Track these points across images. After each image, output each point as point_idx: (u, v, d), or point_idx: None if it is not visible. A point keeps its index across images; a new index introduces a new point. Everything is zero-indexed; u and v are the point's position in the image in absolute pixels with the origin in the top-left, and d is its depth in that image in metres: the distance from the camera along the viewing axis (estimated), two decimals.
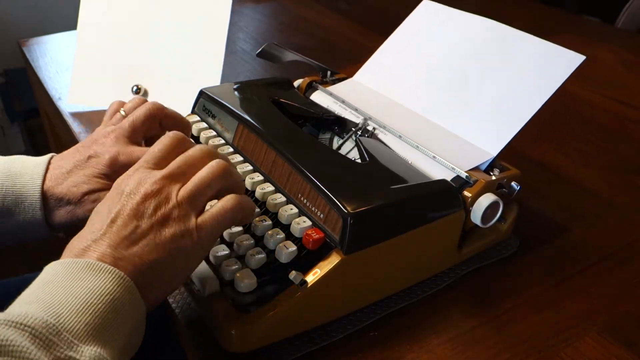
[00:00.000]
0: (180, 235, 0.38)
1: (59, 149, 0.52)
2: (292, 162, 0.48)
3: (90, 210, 0.48)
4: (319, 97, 0.64)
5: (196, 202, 0.40)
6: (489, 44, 0.58)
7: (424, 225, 0.47)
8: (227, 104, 0.58)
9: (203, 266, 0.46)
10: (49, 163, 0.50)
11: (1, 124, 2.04)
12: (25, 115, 1.97)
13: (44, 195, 0.49)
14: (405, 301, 0.49)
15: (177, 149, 0.42)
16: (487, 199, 0.48)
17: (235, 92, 0.62)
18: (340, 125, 0.59)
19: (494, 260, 0.54)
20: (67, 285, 0.33)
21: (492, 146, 0.52)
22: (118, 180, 0.41)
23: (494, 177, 0.50)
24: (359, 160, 0.53)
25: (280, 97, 0.61)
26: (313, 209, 0.46)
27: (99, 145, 0.49)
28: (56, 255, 0.37)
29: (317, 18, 1.22)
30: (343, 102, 0.61)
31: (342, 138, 0.58)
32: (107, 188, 0.49)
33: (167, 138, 0.43)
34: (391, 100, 0.61)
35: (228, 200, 0.41)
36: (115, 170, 0.48)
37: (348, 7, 1.30)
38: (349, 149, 0.57)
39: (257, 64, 0.98)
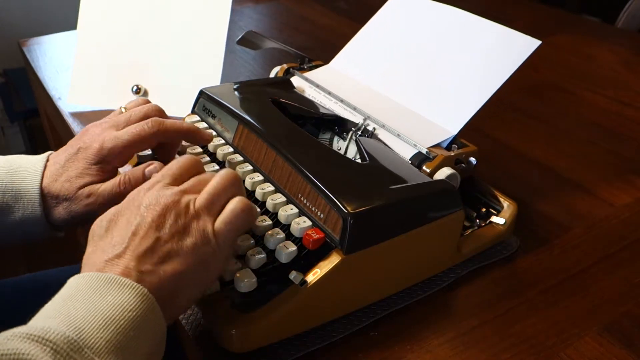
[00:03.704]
0: (201, 244, 0.38)
1: (58, 149, 0.52)
2: (292, 162, 0.48)
3: (86, 206, 0.49)
4: (295, 82, 0.67)
5: (213, 209, 0.40)
6: (452, 30, 0.61)
7: (424, 225, 0.47)
8: (227, 104, 0.58)
9: None
10: (47, 160, 0.51)
11: (1, 124, 2.04)
12: (25, 115, 1.97)
13: (42, 192, 0.49)
14: (405, 301, 0.49)
15: (192, 169, 0.44)
16: (442, 173, 0.50)
17: (235, 92, 0.62)
18: (340, 125, 0.60)
19: (494, 260, 0.54)
20: (89, 300, 0.33)
21: (453, 125, 0.55)
22: (132, 194, 0.41)
23: (452, 153, 0.52)
24: (359, 160, 0.53)
25: (280, 97, 0.61)
26: (313, 209, 0.46)
27: (87, 136, 0.50)
28: (56, 255, 0.37)
29: (317, 18, 1.22)
30: (317, 86, 0.64)
31: (342, 138, 0.58)
32: (100, 179, 0.49)
33: (185, 158, 0.44)
34: (363, 85, 0.65)
35: (237, 203, 0.41)
36: (104, 157, 0.49)
37: (348, 7, 1.30)
38: (349, 149, 0.57)
39: (257, 64, 0.98)
